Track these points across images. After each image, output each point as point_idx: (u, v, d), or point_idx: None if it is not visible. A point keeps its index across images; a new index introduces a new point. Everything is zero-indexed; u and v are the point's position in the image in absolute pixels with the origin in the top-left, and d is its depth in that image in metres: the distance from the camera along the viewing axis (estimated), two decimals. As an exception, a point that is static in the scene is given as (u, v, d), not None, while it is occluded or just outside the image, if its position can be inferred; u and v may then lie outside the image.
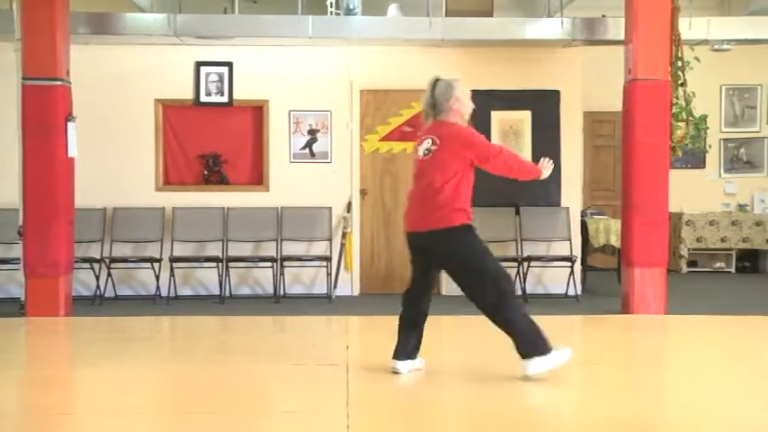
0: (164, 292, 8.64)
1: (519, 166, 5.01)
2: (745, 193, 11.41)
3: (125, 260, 8.72)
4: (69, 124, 7.51)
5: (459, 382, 4.98)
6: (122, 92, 8.89)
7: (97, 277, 8.57)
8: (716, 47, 10.24)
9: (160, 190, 8.98)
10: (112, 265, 8.65)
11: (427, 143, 4.93)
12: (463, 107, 4.96)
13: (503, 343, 4.92)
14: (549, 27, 8.62)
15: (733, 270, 11.18)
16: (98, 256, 8.65)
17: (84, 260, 8.52)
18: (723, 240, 11.02)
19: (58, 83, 7.46)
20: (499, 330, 4.86)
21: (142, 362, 5.58)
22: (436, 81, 4.99)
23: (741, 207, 11.30)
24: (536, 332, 4.82)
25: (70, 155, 7.56)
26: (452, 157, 4.84)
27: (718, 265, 11.24)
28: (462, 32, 8.58)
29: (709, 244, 11.04)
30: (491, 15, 8.88)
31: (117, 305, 8.37)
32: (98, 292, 8.55)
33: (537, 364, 4.80)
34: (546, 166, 5.04)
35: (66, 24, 7.58)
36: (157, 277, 8.64)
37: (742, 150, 11.50)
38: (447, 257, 4.88)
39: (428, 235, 4.88)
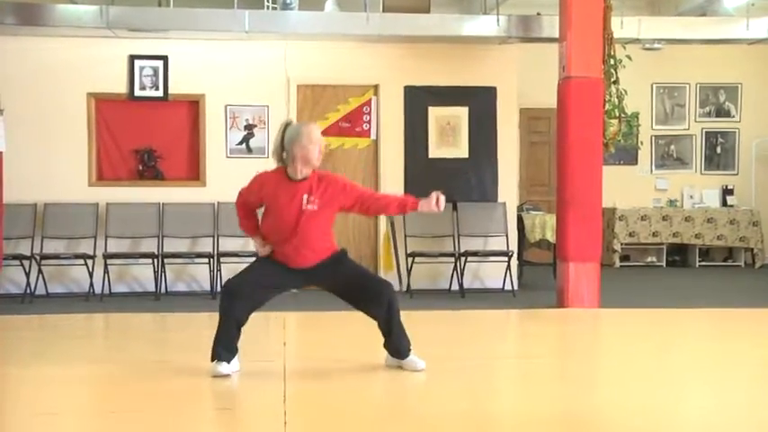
0: (97, 290, 8.48)
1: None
2: (676, 189, 11.68)
3: (57, 257, 8.53)
4: (-3, 118, 7.33)
5: (396, 380, 4.99)
6: (53, 85, 8.69)
7: (27, 274, 8.37)
8: (647, 46, 10.47)
9: (93, 185, 8.81)
10: (44, 262, 8.46)
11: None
12: (310, 153, 4.81)
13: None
14: (486, 24, 8.70)
15: (664, 264, 11.45)
16: (28, 253, 8.45)
17: (14, 257, 8.31)
18: (654, 235, 11.27)
19: (-15, 75, 7.28)
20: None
21: (74, 361, 5.47)
22: (286, 126, 4.88)
23: (671, 202, 11.57)
24: (218, 340, 4.84)
25: (-1, 149, 7.38)
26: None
27: (649, 259, 11.50)
28: (399, 28, 8.60)
29: (641, 239, 11.28)
30: (428, 12, 8.92)
31: (48, 303, 8.18)
32: (28, 290, 8.35)
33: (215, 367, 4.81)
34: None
35: (-8, 14, 7.39)
36: (91, 274, 8.48)
37: (672, 147, 11.78)
38: None
39: None
